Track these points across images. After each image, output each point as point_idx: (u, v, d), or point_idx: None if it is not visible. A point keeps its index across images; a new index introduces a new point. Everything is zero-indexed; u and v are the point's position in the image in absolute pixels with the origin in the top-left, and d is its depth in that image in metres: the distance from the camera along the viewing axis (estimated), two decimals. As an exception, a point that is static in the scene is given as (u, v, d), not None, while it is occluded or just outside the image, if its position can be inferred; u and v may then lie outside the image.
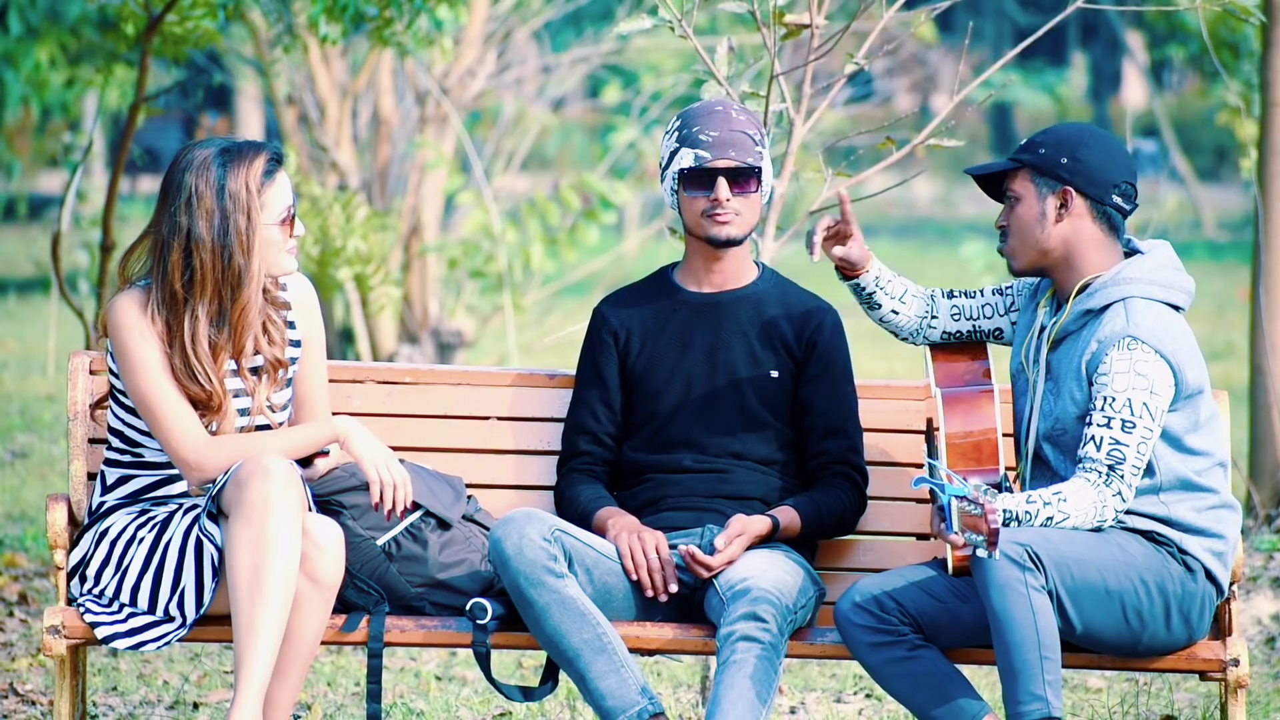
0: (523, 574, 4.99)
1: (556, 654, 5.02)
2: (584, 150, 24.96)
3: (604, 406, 5.37)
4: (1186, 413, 4.98)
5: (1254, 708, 6.48)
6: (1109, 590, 4.89)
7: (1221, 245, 26.05)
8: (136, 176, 27.14)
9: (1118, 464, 4.90)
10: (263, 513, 4.82)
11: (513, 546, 5.00)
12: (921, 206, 34.04)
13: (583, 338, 5.48)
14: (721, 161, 5.27)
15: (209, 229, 4.97)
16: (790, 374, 5.34)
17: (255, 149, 5.02)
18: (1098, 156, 5.04)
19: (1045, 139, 5.08)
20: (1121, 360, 4.93)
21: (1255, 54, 14.78)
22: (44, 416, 12.58)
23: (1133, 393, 4.91)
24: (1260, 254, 8.42)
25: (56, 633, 5.03)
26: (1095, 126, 5.11)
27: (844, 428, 5.33)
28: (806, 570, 5.18)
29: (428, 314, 13.35)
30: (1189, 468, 4.99)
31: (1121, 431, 4.90)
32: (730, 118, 5.29)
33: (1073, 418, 5.01)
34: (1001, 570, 4.79)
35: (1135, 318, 4.96)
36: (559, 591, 5.00)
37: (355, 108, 13.32)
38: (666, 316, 5.38)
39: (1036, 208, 5.08)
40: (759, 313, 5.35)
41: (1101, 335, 4.97)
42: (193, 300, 4.98)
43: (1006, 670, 4.80)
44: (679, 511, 5.27)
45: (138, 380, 4.99)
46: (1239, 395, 10.78)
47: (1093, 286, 5.04)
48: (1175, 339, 4.96)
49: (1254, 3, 6.07)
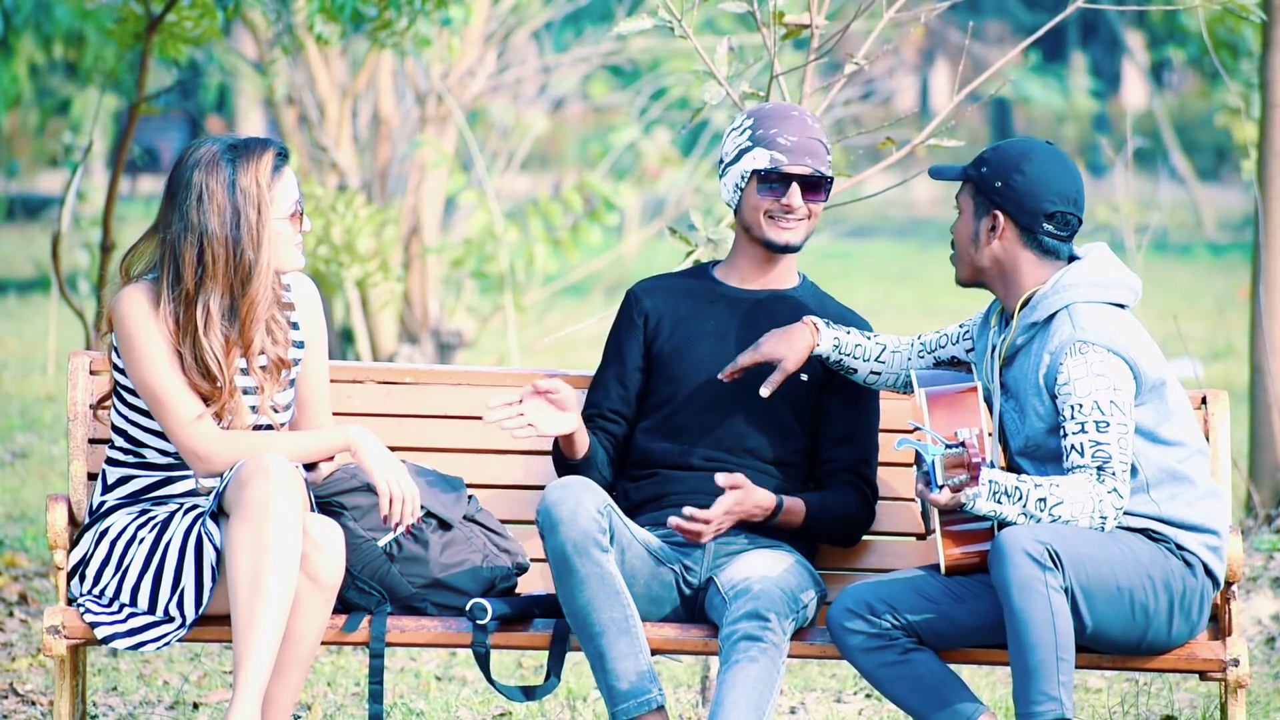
0: (571, 541, 4.98)
1: (581, 626, 5.01)
2: (584, 150, 24.96)
3: (618, 384, 5.36)
4: (1155, 405, 4.99)
5: (1254, 708, 6.48)
6: (1120, 587, 4.90)
7: (1221, 245, 26.05)
8: (136, 176, 27.14)
9: (1105, 462, 4.90)
10: (263, 513, 4.82)
11: (567, 512, 4.99)
12: (921, 206, 34.05)
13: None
14: (798, 168, 5.27)
15: (221, 224, 4.99)
16: (818, 381, 5.34)
17: (262, 145, 5.05)
18: (1031, 183, 5.00)
19: (992, 156, 5.06)
20: (1077, 366, 4.93)
21: (1254, 54, 14.78)
22: (44, 416, 12.58)
23: (1097, 394, 4.91)
24: (1260, 254, 8.43)
25: (56, 633, 5.03)
26: (1047, 146, 5.06)
27: (859, 438, 5.33)
28: (809, 570, 5.18)
29: (428, 314, 13.35)
30: (1171, 458, 5.00)
31: (1098, 432, 4.91)
32: (807, 124, 5.29)
33: (1042, 432, 5.01)
34: (1022, 569, 4.79)
35: (1080, 321, 4.96)
36: (601, 566, 4.99)
37: (355, 108, 13.32)
38: (703, 307, 5.38)
39: (972, 225, 5.10)
40: (796, 316, 5.34)
41: (1051, 346, 4.97)
42: (204, 294, 5.00)
43: (1021, 669, 4.80)
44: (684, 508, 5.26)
45: (145, 370, 4.99)
46: (1239, 395, 10.78)
47: (1034, 299, 5.04)
48: (1124, 334, 4.96)
49: (1254, 1, 6.07)
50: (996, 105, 36.74)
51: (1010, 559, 4.80)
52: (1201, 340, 16.52)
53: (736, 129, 5.32)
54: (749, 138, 5.29)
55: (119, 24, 8.49)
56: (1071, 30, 39.36)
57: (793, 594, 5.05)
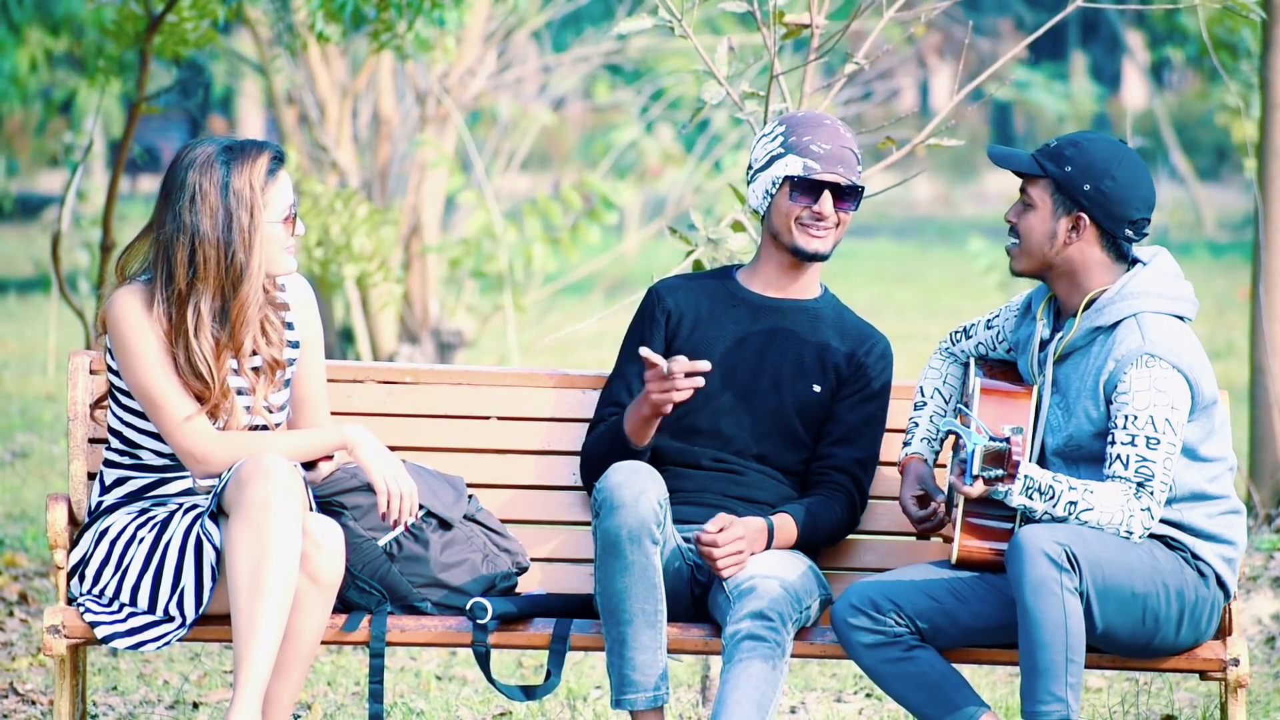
0: (628, 528, 4.97)
1: (611, 609, 5.00)
2: (587, 149, 24.96)
3: (640, 381, 5.34)
4: (1202, 423, 4.98)
5: (1254, 708, 6.48)
6: (1135, 593, 4.89)
7: (1221, 245, 26.05)
8: (136, 176, 27.15)
9: (1146, 480, 4.89)
10: (263, 513, 4.82)
11: (630, 497, 4.97)
12: (921, 206, 34.04)
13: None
14: (830, 176, 5.26)
15: (213, 225, 4.98)
16: (831, 392, 5.32)
17: (258, 148, 5.04)
18: (1122, 189, 4.97)
19: (1076, 156, 4.98)
20: (1141, 378, 4.91)
21: (1254, 55, 14.78)
22: (44, 416, 12.58)
23: (1155, 409, 4.90)
24: (1260, 254, 8.43)
25: (57, 632, 5.03)
26: (1127, 148, 5.02)
27: (859, 440, 5.31)
28: (814, 571, 5.18)
29: (428, 314, 13.35)
30: (1203, 476, 4.99)
31: (1147, 448, 4.89)
32: (840, 133, 5.29)
33: (1088, 435, 4.99)
34: (1039, 567, 4.79)
35: (1150, 334, 4.94)
36: (649, 558, 4.99)
37: (355, 107, 13.32)
38: (723, 310, 5.37)
39: (1049, 224, 5.03)
40: (815, 328, 5.34)
41: (1118, 354, 4.95)
42: (195, 295, 4.99)
43: (1030, 667, 4.80)
44: (691, 506, 5.26)
45: (139, 372, 4.99)
46: (1239, 395, 10.78)
47: (1100, 302, 5.00)
48: (1190, 352, 4.95)
49: (1254, 0, 6.06)
50: (996, 105, 36.73)
51: (1028, 558, 4.79)
52: (1201, 340, 16.48)
53: (768, 135, 5.32)
54: (781, 144, 5.29)
55: (118, 24, 8.49)
56: (1071, 30, 39.36)
57: (797, 594, 5.04)
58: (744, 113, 6.00)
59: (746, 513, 5.23)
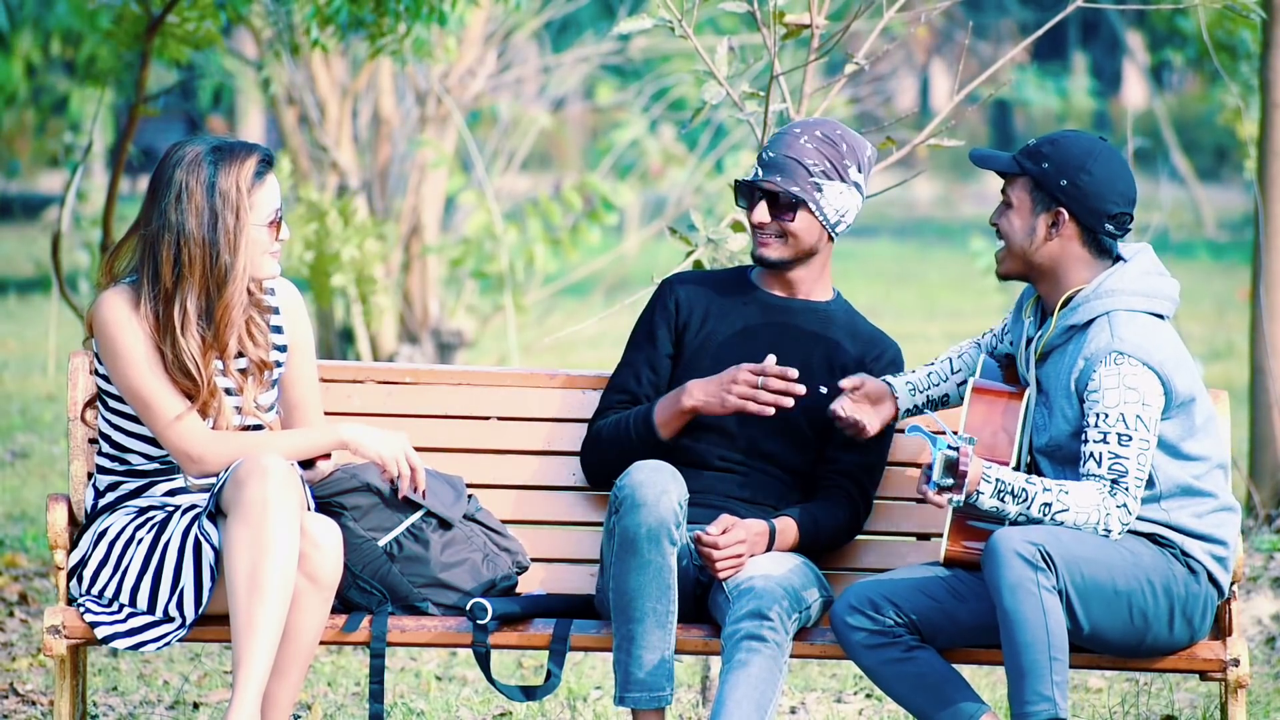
0: (648, 526, 4.97)
1: (623, 606, 4.99)
2: (588, 149, 24.96)
3: (649, 369, 5.34)
4: (1181, 420, 4.97)
5: (1254, 708, 6.48)
6: (1117, 590, 4.89)
7: (1222, 245, 26.05)
8: (136, 176, 27.14)
9: (1120, 477, 4.89)
10: (261, 512, 4.82)
11: (652, 496, 4.97)
12: (921, 206, 34.04)
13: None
14: (765, 183, 5.26)
15: (198, 224, 4.98)
16: (837, 393, 5.31)
17: (247, 149, 5.03)
18: (1099, 183, 4.97)
19: (1052, 152, 4.99)
20: (1110, 375, 4.91)
21: (1253, 55, 14.78)
22: (44, 416, 12.58)
23: (1125, 407, 4.90)
24: (1260, 254, 8.43)
25: (56, 633, 5.03)
26: (1104, 144, 5.01)
27: (866, 445, 5.30)
28: (814, 572, 5.18)
29: (428, 314, 13.36)
30: (1187, 474, 4.98)
31: (1119, 445, 4.89)
32: (795, 142, 5.25)
33: (1066, 434, 5.00)
34: (1014, 569, 4.79)
35: (1119, 331, 4.94)
36: (666, 558, 4.99)
37: (355, 108, 13.32)
38: (736, 306, 5.37)
39: (1028, 221, 5.04)
40: (827, 329, 5.34)
41: (1088, 352, 4.95)
42: (181, 293, 4.98)
43: (1014, 669, 4.80)
44: (695, 507, 5.25)
45: (128, 373, 4.99)
46: (1239, 395, 10.78)
47: (1076, 300, 5.01)
48: (1161, 349, 4.94)
49: (1254, 0, 6.06)
50: (996, 105, 36.73)
51: (1003, 560, 4.80)
52: (1201, 340, 16.51)
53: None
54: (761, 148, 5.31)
55: (118, 24, 8.49)
56: (1071, 30, 39.37)
57: (796, 594, 5.04)
58: (744, 113, 6.01)
59: (750, 513, 5.23)
